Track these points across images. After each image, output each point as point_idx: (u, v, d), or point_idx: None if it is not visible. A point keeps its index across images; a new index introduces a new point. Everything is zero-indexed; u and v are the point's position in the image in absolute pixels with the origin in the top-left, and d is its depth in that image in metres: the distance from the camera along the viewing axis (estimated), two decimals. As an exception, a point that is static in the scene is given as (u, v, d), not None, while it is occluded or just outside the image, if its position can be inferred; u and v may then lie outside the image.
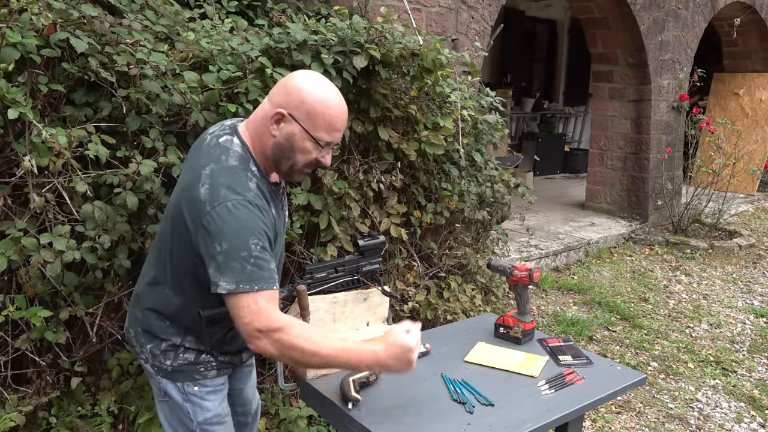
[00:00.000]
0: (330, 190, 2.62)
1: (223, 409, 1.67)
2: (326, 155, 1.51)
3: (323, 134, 1.46)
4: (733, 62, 8.96)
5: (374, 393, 1.62)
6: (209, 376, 1.61)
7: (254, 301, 1.38)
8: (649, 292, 4.93)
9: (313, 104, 1.45)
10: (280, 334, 1.38)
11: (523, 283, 1.98)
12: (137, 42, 2.21)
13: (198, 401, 1.61)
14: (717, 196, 6.48)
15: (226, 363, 1.66)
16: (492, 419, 1.52)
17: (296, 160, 1.48)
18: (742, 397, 3.36)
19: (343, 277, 1.75)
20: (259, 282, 1.38)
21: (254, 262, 1.38)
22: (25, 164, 1.91)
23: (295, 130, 1.46)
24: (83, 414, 2.26)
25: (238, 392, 1.85)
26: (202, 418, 1.61)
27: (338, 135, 1.50)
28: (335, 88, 1.51)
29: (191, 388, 1.60)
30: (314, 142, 1.46)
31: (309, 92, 1.45)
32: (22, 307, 2.02)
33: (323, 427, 2.67)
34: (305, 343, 1.38)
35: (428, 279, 3.15)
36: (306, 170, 1.52)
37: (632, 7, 6.11)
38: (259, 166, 1.51)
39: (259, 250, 1.39)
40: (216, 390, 1.64)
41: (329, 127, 1.46)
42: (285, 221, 1.69)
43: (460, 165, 3.12)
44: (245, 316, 1.38)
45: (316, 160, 1.50)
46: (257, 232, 1.40)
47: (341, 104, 1.49)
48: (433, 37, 3.00)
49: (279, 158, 1.49)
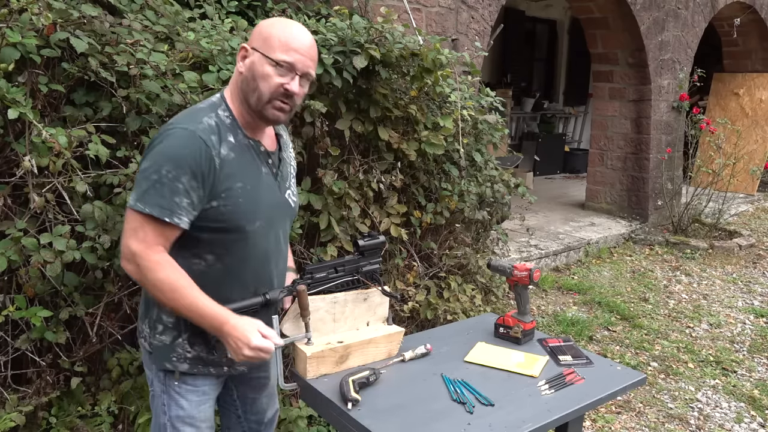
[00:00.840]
0: (330, 190, 2.62)
1: (200, 413, 1.63)
2: (291, 81, 1.48)
3: (279, 54, 1.46)
4: (733, 62, 8.96)
5: (374, 393, 1.62)
6: (181, 368, 1.58)
7: (140, 224, 1.41)
8: (649, 292, 4.93)
9: (269, 29, 1.50)
10: (149, 270, 1.41)
11: (523, 283, 1.98)
12: (137, 42, 2.21)
13: (175, 396, 1.60)
14: (717, 196, 6.48)
15: (201, 361, 1.60)
16: (492, 419, 1.52)
17: (260, 89, 1.48)
18: (742, 397, 3.36)
19: (343, 277, 1.75)
20: (150, 206, 1.40)
21: (157, 187, 1.40)
22: (25, 164, 1.91)
23: (255, 58, 1.49)
24: (83, 414, 2.26)
25: (252, 401, 1.83)
26: (174, 413, 1.60)
27: (299, 57, 1.48)
28: (300, 24, 1.54)
29: (171, 381, 1.59)
30: (273, 65, 1.46)
31: (268, 23, 1.53)
32: (22, 307, 2.02)
33: (323, 427, 2.68)
34: (167, 289, 1.42)
35: (428, 279, 3.15)
36: (275, 102, 1.49)
37: (632, 7, 6.11)
38: (233, 115, 1.53)
39: (170, 179, 1.40)
40: (196, 392, 1.61)
41: (285, 46, 1.47)
42: (282, 188, 1.64)
43: (460, 165, 3.12)
44: (126, 233, 1.43)
45: (281, 87, 1.48)
46: (178, 160, 1.40)
47: (301, 30, 1.51)
48: (433, 37, 3.00)
49: (247, 93, 1.50)
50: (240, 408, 1.83)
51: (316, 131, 2.57)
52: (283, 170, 1.67)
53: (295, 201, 1.71)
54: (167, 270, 1.43)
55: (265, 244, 1.61)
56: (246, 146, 1.54)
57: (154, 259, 1.42)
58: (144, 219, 1.41)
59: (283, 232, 1.68)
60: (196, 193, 1.44)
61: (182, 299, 1.44)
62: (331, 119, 2.67)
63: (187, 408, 1.61)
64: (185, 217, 1.44)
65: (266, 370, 1.84)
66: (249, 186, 1.52)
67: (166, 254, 1.45)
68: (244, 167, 1.52)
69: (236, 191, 1.49)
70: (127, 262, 1.45)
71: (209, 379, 1.64)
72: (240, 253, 1.55)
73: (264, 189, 1.57)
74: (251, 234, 1.55)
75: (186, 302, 1.44)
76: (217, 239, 1.52)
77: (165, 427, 1.62)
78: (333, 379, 1.66)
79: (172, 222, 1.42)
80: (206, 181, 1.44)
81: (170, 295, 1.44)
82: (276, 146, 1.66)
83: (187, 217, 1.44)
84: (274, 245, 1.64)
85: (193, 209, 1.45)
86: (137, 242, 1.42)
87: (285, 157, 1.69)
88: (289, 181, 1.70)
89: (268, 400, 1.88)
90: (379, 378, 1.68)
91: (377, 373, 1.67)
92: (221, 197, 1.48)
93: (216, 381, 1.68)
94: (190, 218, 1.46)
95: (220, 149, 1.46)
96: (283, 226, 1.68)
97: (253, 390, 1.83)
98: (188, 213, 1.44)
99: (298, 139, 2.55)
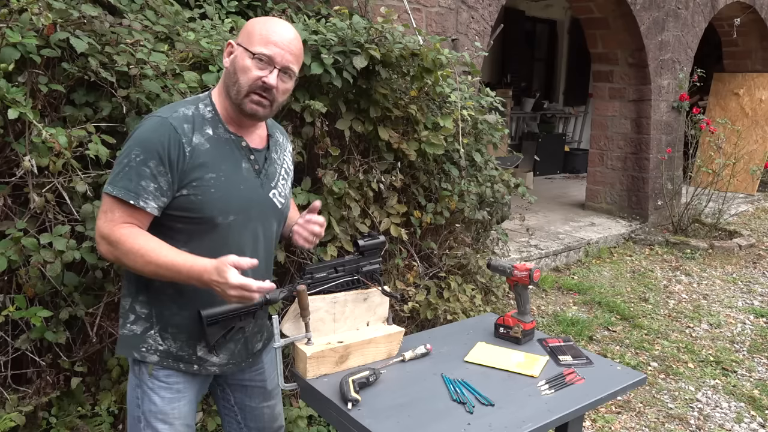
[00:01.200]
0: (330, 190, 2.62)
1: (174, 410, 1.61)
2: (269, 75, 1.50)
3: (259, 47, 1.50)
4: (733, 62, 8.96)
5: (374, 393, 1.62)
6: (150, 359, 1.58)
7: (109, 206, 1.45)
8: (649, 292, 4.93)
9: (252, 25, 1.55)
10: (119, 243, 1.44)
11: (523, 283, 1.98)
12: (137, 42, 2.21)
13: (148, 391, 1.60)
14: (717, 196, 6.48)
15: (171, 356, 1.59)
16: (492, 419, 1.52)
17: (239, 81, 1.51)
18: (742, 397, 3.36)
19: (343, 277, 1.75)
20: (118, 188, 1.44)
21: (126, 171, 1.44)
22: (25, 164, 1.91)
23: (237, 52, 1.54)
24: (83, 414, 2.26)
25: (251, 410, 1.81)
26: (147, 408, 1.60)
27: (278, 51, 1.50)
28: (284, 21, 1.57)
29: (144, 375, 1.60)
30: (253, 58, 1.50)
31: (254, 20, 1.59)
32: (22, 307, 2.02)
33: (323, 427, 2.68)
34: (139, 256, 1.43)
35: (428, 279, 3.15)
36: (253, 96, 1.51)
37: (632, 7, 6.11)
38: (216, 110, 1.57)
39: (137, 162, 1.44)
40: (169, 389, 1.60)
41: (264, 39, 1.50)
42: (265, 186, 1.64)
43: (460, 165, 3.12)
44: (98, 216, 1.48)
45: (259, 80, 1.50)
46: (146, 144, 1.45)
47: (284, 25, 1.55)
48: (433, 37, 3.00)
49: (228, 87, 1.54)
50: (239, 414, 1.82)
51: (316, 131, 2.57)
52: (269, 169, 1.65)
53: (282, 202, 1.69)
54: (136, 238, 1.44)
55: (240, 241, 1.58)
56: (226, 140, 1.56)
57: (122, 233, 1.44)
58: (113, 201, 1.45)
59: (263, 231, 1.65)
60: (164, 179, 1.46)
61: (158, 260, 1.43)
62: (331, 119, 2.67)
63: (160, 404, 1.60)
64: (152, 201, 1.45)
65: (261, 373, 1.80)
66: (223, 177, 1.53)
67: (134, 227, 1.46)
68: (219, 159, 1.53)
69: (208, 181, 1.50)
70: (100, 244, 1.47)
71: (183, 377, 1.62)
72: (213, 246, 1.53)
73: (242, 183, 1.57)
74: (224, 227, 1.54)
75: (162, 262, 1.43)
76: (190, 230, 1.52)
77: (139, 420, 1.61)
78: (333, 379, 1.66)
79: (137, 205, 1.44)
80: (174, 167, 1.46)
81: (145, 259, 1.43)
82: (264, 145, 1.66)
83: (154, 203, 1.46)
84: (251, 243, 1.62)
85: (161, 195, 1.46)
86: (106, 222, 1.45)
87: (274, 157, 1.68)
88: (276, 181, 1.67)
89: (271, 411, 1.84)
90: (379, 378, 1.68)
91: (377, 373, 1.67)
92: (192, 186, 1.49)
93: (192, 380, 1.65)
94: (159, 204, 1.47)
95: (192, 137, 1.49)
96: (263, 225, 1.65)
97: (251, 398, 1.80)
98: (155, 198, 1.46)
99: (298, 139, 2.55)
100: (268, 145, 1.68)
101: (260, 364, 1.80)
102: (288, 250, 2.65)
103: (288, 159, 1.77)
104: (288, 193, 1.74)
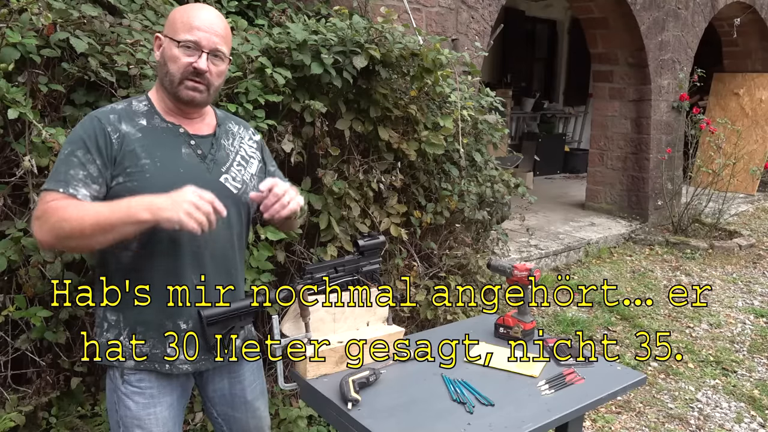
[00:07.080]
0: (330, 190, 2.62)
1: (149, 416, 1.60)
2: (198, 60, 1.52)
3: (183, 34, 1.52)
4: (733, 62, 8.96)
5: (374, 393, 1.62)
6: (127, 364, 1.57)
7: (43, 199, 1.46)
8: (649, 292, 4.93)
9: (174, 14, 1.57)
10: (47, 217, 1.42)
11: (523, 283, 1.98)
12: (137, 42, 2.21)
13: (122, 396, 1.59)
14: (717, 196, 6.48)
15: (146, 357, 1.58)
16: (492, 419, 1.52)
17: (171, 71, 1.54)
18: (742, 397, 3.36)
19: (343, 277, 1.75)
20: (50, 182, 1.46)
21: (57, 166, 1.48)
22: (25, 164, 1.91)
23: (164, 43, 1.56)
24: (83, 414, 2.26)
25: (234, 420, 1.79)
26: (123, 413, 1.60)
27: (203, 35, 1.52)
28: (206, 5, 1.58)
29: (118, 382, 1.59)
30: (179, 46, 1.52)
31: (175, 9, 1.60)
32: (22, 307, 2.02)
33: (323, 427, 2.68)
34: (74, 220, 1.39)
35: (428, 279, 3.15)
36: (187, 82, 1.54)
37: (632, 7, 6.11)
38: (152, 103, 1.60)
39: (66, 155, 1.49)
40: (142, 394, 1.59)
41: (187, 26, 1.52)
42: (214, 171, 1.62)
43: (460, 165, 3.12)
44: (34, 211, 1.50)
45: (189, 66, 1.52)
46: (74, 139, 1.50)
47: (205, 9, 1.56)
48: (433, 37, 3.00)
49: (162, 79, 1.57)
50: (224, 426, 1.81)
51: (316, 131, 2.57)
52: (217, 154, 1.64)
53: (237, 187, 1.65)
54: (66, 209, 1.42)
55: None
56: (161, 129, 1.58)
57: (48, 205, 1.43)
58: (44, 195, 1.46)
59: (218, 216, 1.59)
60: (93, 165, 1.47)
61: (95, 216, 1.39)
62: (331, 119, 2.67)
63: (134, 409, 1.59)
64: (83, 189, 1.46)
65: (240, 382, 1.77)
66: (159, 163, 1.53)
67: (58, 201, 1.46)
68: (153, 146, 1.54)
69: (142, 167, 1.51)
70: (35, 232, 1.45)
71: (156, 381, 1.60)
72: (163, 235, 1.51)
73: (181, 167, 1.56)
74: None
75: (102, 218, 1.39)
76: None
77: (118, 425, 1.61)
78: (333, 379, 1.66)
79: (67, 193, 1.44)
80: (102, 153, 1.48)
81: (81, 223, 1.39)
82: (211, 132, 1.66)
83: (85, 190, 1.46)
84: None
85: (92, 182, 1.47)
86: (36, 210, 1.47)
87: (224, 143, 1.67)
88: (227, 166, 1.65)
89: (257, 422, 1.82)
90: (379, 378, 1.67)
91: (377, 373, 1.67)
92: (126, 173, 1.50)
93: (168, 383, 1.63)
94: (91, 192, 1.46)
95: (120, 126, 1.52)
96: None
97: (234, 409, 1.78)
98: (86, 185, 1.46)
99: (298, 139, 2.55)
100: (215, 133, 1.67)
101: (239, 373, 1.77)
102: (288, 250, 2.65)
103: (247, 147, 1.74)
104: (249, 179, 1.70)
